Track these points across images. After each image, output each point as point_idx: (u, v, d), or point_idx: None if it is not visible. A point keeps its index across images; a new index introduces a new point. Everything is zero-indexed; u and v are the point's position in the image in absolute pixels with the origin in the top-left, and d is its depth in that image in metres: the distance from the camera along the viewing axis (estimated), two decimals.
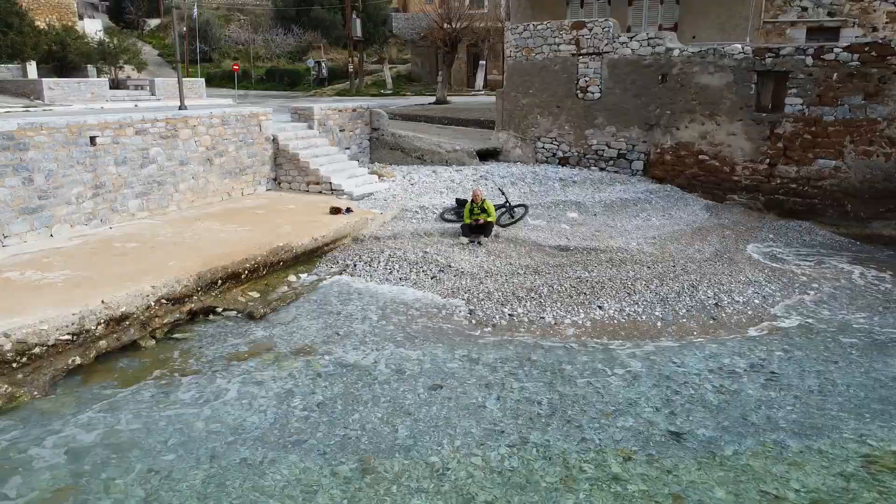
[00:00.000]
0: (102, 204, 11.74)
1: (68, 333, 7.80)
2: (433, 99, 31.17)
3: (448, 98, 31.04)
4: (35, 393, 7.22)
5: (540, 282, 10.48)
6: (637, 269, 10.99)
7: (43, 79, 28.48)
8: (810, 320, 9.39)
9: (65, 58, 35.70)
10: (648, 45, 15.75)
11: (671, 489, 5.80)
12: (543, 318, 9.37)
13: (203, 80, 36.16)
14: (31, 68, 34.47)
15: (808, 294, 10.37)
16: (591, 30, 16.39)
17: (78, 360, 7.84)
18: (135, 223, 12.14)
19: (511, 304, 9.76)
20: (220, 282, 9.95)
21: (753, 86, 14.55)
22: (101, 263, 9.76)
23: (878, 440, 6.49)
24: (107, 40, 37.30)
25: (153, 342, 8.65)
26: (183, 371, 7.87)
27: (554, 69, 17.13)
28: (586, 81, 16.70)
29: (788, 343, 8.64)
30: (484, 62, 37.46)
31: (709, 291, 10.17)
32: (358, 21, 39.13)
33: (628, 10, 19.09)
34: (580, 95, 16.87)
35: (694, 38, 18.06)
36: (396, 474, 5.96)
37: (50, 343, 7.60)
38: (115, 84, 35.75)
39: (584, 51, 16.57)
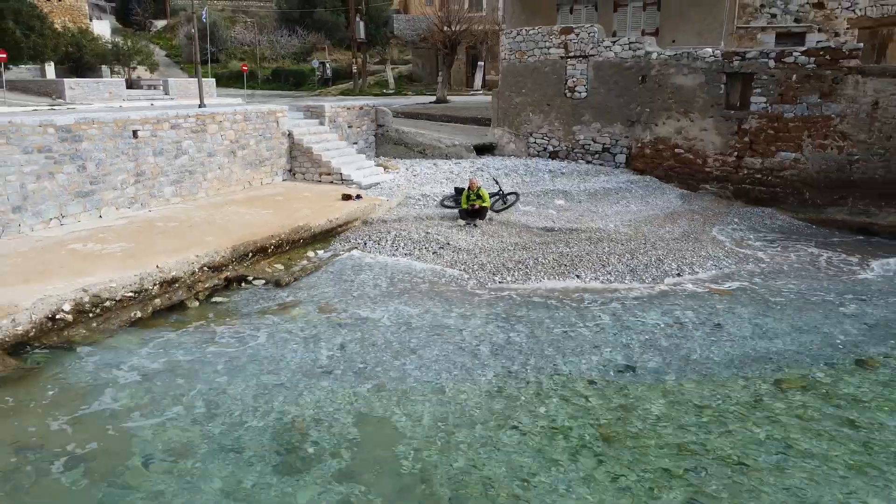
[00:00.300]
0: (143, 190, 13.34)
1: (131, 291, 9.39)
2: (434, 98, 32.77)
3: (448, 97, 32.62)
4: (92, 335, 8.79)
5: (527, 256, 12.07)
6: (612, 245, 12.59)
7: (65, 79, 30.07)
8: (756, 287, 10.97)
9: (80, 59, 37.31)
10: (629, 48, 17.34)
11: (622, 403, 7.38)
12: (528, 284, 10.96)
13: (213, 80, 37.65)
14: (50, 69, 36.11)
15: (759, 266, 11.95)
16: (578, 35, 17.98)
17: (138, 314, 9.42)
18: (170, 207, 13.73)
19: (501, 273, 11.35)
20: (250, 255, 11.54)
21: (723, 86, 16.14)
22: (148, 239, 11.35)
23: (791, 369, 8.08)
24: (121, 42, 38.80)
25: (196, 303, 10.20)
26: (224, 323, 9.44)
27: (544, 70, 18.71)
28: (574, 82, 18.29)
29: (733, 303, 10.23)
30: (482, 63, 39.06)
31: (672, 264, 11.76)
32: (361, 24, 40.71)
33: (614, 16, 20.70)
34: (568, 95, 18.46)
35: (674, 41, 19.65)
36: (405, 392, 7.55)
37: (117, 298, 9.19)
38: (129, 84, 37.32)
39: (571, 54, 18.16)
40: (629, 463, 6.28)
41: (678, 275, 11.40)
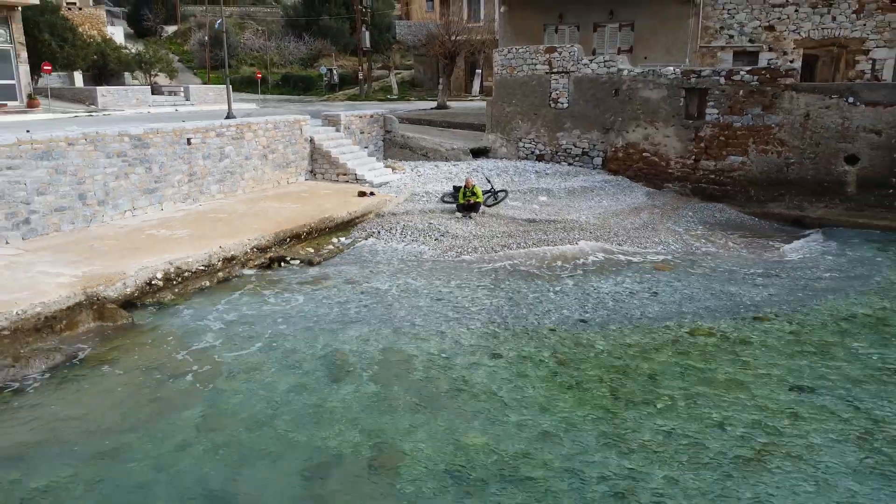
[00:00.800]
0: (194, 187, 16.10)
1: (202, 265, 12.14)
2: (435, 104, 35.47)
3: (448, 103, 35.32)
4: (182, 300, 11.54)
5: (511, 241, 14.83)
6: (582, 233, 15.34)
7: (97, 87, 32.78)
8: (693, 265, 13.72)
9: (105, 66, 40.03)
10: (604, 66, 20.08)
11: (575, 342, 10.12)
12: (512, 262, 13.70)
13: (230, 86, 40.21)
14: (78, 76, 38.85)
15: (701, 250, 14.70)
16: (560, 53, 20.72)
17: (206, 283, 12.16)
18: (216, 202, 16.49)
19: (491, 255, 14.10)
20: (287, 240, 14.29)
21: (682, 99, 18.89)
22: (204, 227, 14.10)
23: (703, 322, 10.82)
24: (143, 50, 41.52)
25: (247, 277, 12.96)
26: (272, 290, 12.17)
27: (532, 84, 21.45)
28: (557, 94, 21.03)
29: (671, 277, 12.97)
30: (480, 70, 41.79)
31: (628, 247, 14.50)
32: (367, 33, 43.39)
33: (594, 35, 23.45)
34: (552, 105, 21.20)
35: (646, 58, 22.41)
36: (415, 334, 10.28)
37: (193, 270, 11.95)
38: (152, 90, 40.04)
39: (555, 70, 20.90)
40: (575, 376, 9.03)
41: (630, 257, 14.14)
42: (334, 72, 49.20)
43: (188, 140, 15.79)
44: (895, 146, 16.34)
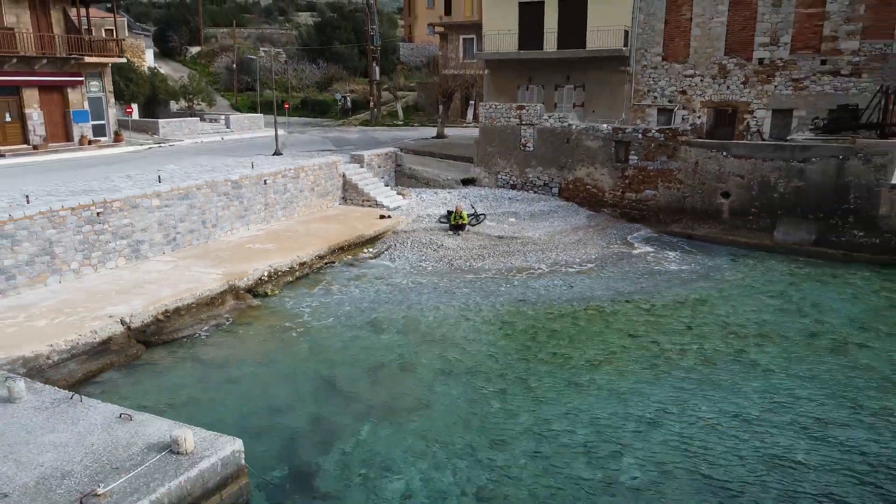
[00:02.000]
0: (268, 213, 23.31)
1: (287, 267, 19.36)
2: (435, 133, 42.59)
3: (446, 132, 42.40)
4: (277, 291, 18.70)
5: (485, 253, 22.04)
6: (533, 246, 22.55)
7: (159, 120, 39.89)
8: (604, 268, 20.91)
9: (155, 97, 47.18)
10: (559, 121, 27.29)
11: (515, 311, 17.31)
12: (485, 266, 20.90)
13: (262, 115, 47.37)
14: (134, 107, 45.94)
15: (613, 258, 21.91)
16: (527, 111, 27.93)
17: (290, 279, 19.36)
18: (281, 224, 23.69)
19: (471, 262, 21.30)
20: (336, 250, 21.50)
21: (613, 148, 26.08)
22: (282, 241, 21.31)
23: (594, 303, 18.00)
24: (187, 83, 48.71)
25: (314, 276, 20.16)
26: (332, 284, 19.37)
27: (507, 132, 28.65)
28: (525, 140, 28.23)
29: (586, 277, 20.17)
30: (473, 101, 48.92)
31: (562, 256, 21.73)
32: (377, 67, 50.55)
33: (555, 93, 30.67)
34: (522, 148, 28.40)
35: (594, 111, 29.62)
36: (421, 309, 17.46)
37: (282, 270, 19.16)
38: (191, 114, 47.16)
39: (524, 122, 28.10)
40: (512, 328, 16.24)
41: (566, 263, 21.36)
42: (347, 98, 56.26)
43: (265, 181, 23.00)
44: (753, 186, 23.52)
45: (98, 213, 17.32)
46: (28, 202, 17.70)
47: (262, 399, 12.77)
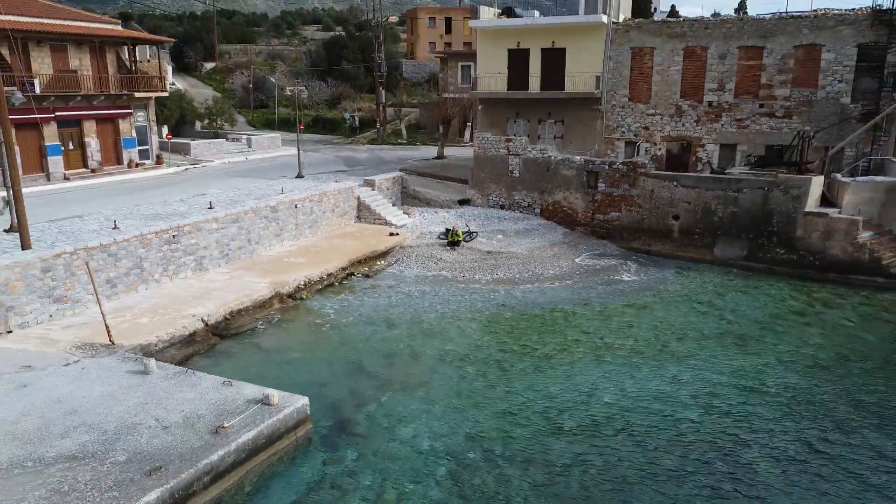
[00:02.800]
0: (297, 232, 28.30)
1: (317, 277, 24.36)
2: (435, 154, 47.52)
3: (445, 152, 47.31)
4: (310, 296, 23.67)
5: (476, 266, 27.02)
6: (516, 260, 27.53)
7: (191, 141, 44.90)
8: (573, 280, 25.87)
9: (183, 118, 52.22)
10: (540, 152, 32.28)
11: (496, 313, 22.29)
12: (476, 277, 25.88)
13: (279, 136, 52.31)
14: (164, 128, 50.97)
15: (581, 271, 26.89)
16: (513, 142, 32.93)
17: (319, 287, 24.35)
18: (308, 241, 28.67)
19: (464, 273, 26.28)
20: (354, 263, 26.49)
21: (585, 176, 31.07)
22: (311, 256, 26.31)
23: (561, 306, 22.97)
24: (211, 105, 53.73)
25: (338, 284, 25.15)
26: (352, 292, 24.35)
27: (497, 160, 33.62)
28: (512, 167, 33.22)
29: (557, 286, 25.14)
30: (470, 123, 53.88)
31: (539, 268, 26.71)
32: (383, 91, 55.53)
33: (539, 126, 35.68)
34: (510, 174, 33.39)
35: (571, 142, 34.62)
36: (425, 311, 22.43)
37: (314, 280, 24.16)
38: (216, 136, 52.16)
39: (511, 152, 33.08)
40: (494, 326, 21.20)
41: (541, 274, 26.33)
42: (355, 117, 61.25)
43: (296, 205, 27.98)
44: (697, 211, 28.50)
45: (174, 236, 22.32)
46: (115, 227, 22.77)
47: (308, 374, 17.74)
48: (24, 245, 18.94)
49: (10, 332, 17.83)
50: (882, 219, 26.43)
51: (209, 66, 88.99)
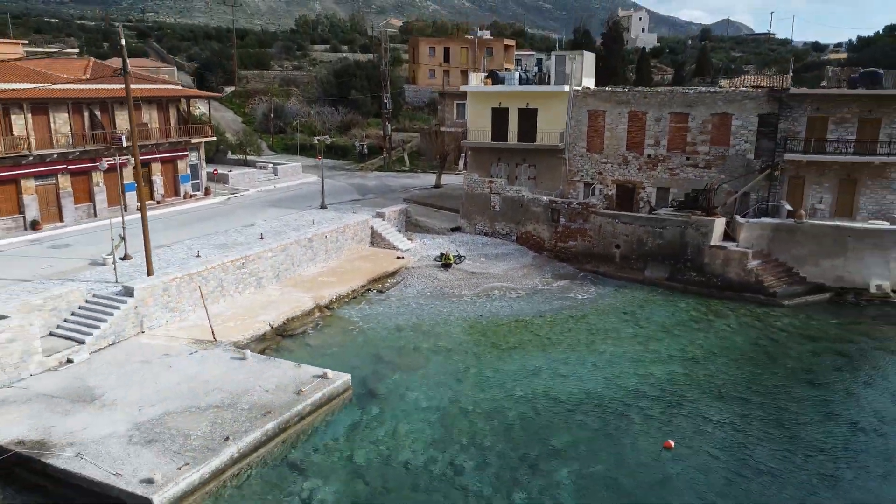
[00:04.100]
0: (326, 256, 36.93)
1: (345, 293, 33.04)
2: (433, 180, 56.08)
3: (442, 181, 55.87)
4: (340, 306, 32.27)
5: (462, 283, 35.69)
6: (493, 279, 36.19)
7: (229, 172, 53.51)
8: (535, 294, 34.52)
9: (217, 147, 60.80)
10: (516, 192, 40.95)
11: (478, 324, 30.91)
12: (462, 293, 34.53)
13: (300, 164, 60.83)
14: (212, 167, 59.41)
15: (546, 288, 35.55)
16: (495, 184, 41.59)
17: (346, 300, 32.97)
18: (334, 263, 37.31)
19: (454, 290, 34.93)
20: (371, 281, 35.15)
21: (550, 212, 39.75)
22: (338, 276, 34.98)
23: (522, 317, 31.62)
24: (243, 138, 62.35)
25: (359, 297, 33.79)
26: (372, 303, 32.98)
27: (482, 197, 42.26)
28: (494, 203, 41.88)
29: (523, 299, 33.79)
30: (464, 154, 62.50)
31: (511, 286, 35.37)
32: (388, 125, 64.19)
33: (517, 169, 44.37)
34: (492, 208, 42.04)
35: (542, 183, 43.29)
36: (426, 319, 31.05)
37: (343, 294, 32.83)
38: (246, 164, 60.76)
39: (493, 191, 41.74)
40: (475, 330, 29.83)
41: (513, 288, 34.99)
42: (364, 145, 69.90)
43: (325, 236, 36.63)
44: (633, 241, 37.11)
45: (243, 263, 30.96)
46: (198, 255, 31.44)
47: (346, 361, 26.29)
48: (149, 272, 27.57)
49: (143, 332, 26.46)
50: (769, 250, 35.12)
51: (229, 89, 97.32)
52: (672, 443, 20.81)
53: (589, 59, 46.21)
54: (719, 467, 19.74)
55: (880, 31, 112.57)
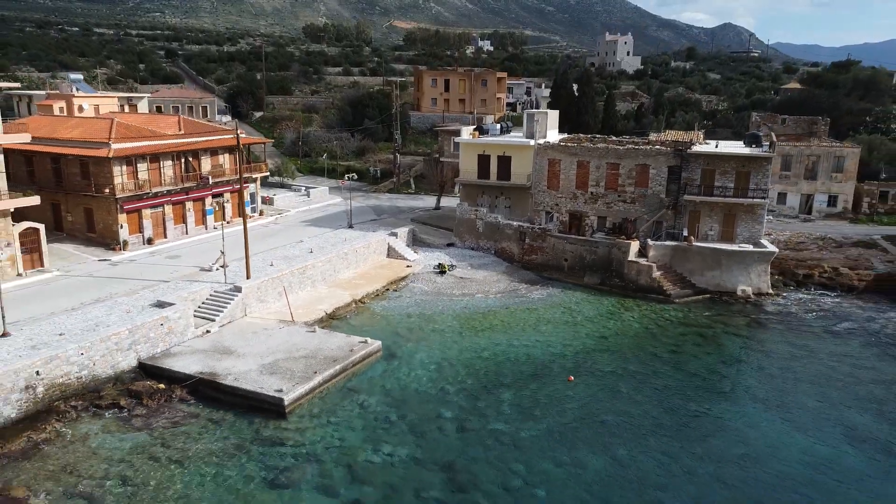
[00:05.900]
0: (354, 265, 51.56)
1: (373, 291, 47.75)
2: (434, 205, 70.46)
3: (441, 203, 70.23)
4: (369, 301, 46.86)
5: (453, 285, 50.31)
6: (476, 282, 50.81)
7: (274, 195, 68.08)
8: (507, 295, 49.10)
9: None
10: (494, 218, 55.60)
11: (463, 314, 45.51)
12: (453, 292, 49.14)
13: (327, 189, 75.29)
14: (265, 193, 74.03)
15: (516, 291, 50.17)
16: (479, 211, 56.25)
17: (374, 296, 47.61)
18: (360, 270, 51.96)
19: (447, 290, 49.55)
20: (390, 283, 49.81)
21: (519, 234, 54.36)
22: (367, 280, 49.68)
23: (494, 310, 46.23)
24: (280, 164, 76.94)
25: (381, 295, 48.41)
26: (389, 299, 47.58)
27: (470, 221, 56.85)
28: (479, 225, 56.51)
29: (495, 299, 48.38)
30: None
31: (487, 288, 50.04)
32: (399, 156, 78.79)
33: (496, 200, 59.05)
34: (477, 230, 56.65)
35: (516, 211, 57.92)
36: (431, 309, 45.69)
37: (370, 293, 47.51)
38: (282, 186, 75.34)
39: (478, 217, 56.38)
40: (461, 318, 44.45)
41: (488, 291, 49.62)
42: (378, 170, 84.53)
43: (356, 250, 51.24)
44: (577, 256, 51.64)
45: (303, 270, 45.61)
46: (272, 264, 46.19)
47: (375, 334, 40.71)
48: (248, 276, 42.22)
49: (246, 315, 41.09)
50: (670, 264, 49.74)
51: (258, 114, 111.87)
52: (573, 378, 35.51)
53: (553, 115, 60.92)
54: (601, 394, 34.41)
55: (827, 66, 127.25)
